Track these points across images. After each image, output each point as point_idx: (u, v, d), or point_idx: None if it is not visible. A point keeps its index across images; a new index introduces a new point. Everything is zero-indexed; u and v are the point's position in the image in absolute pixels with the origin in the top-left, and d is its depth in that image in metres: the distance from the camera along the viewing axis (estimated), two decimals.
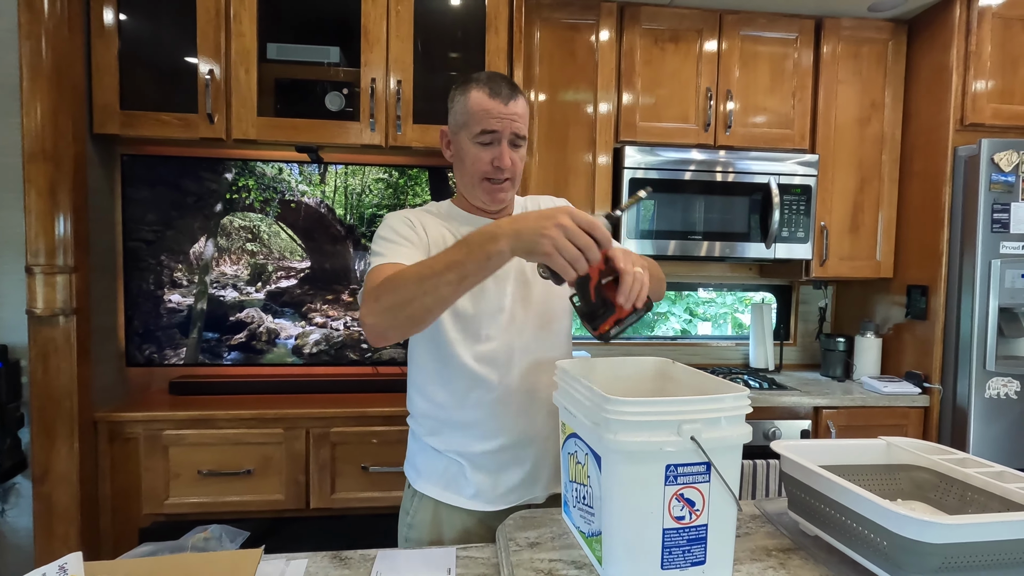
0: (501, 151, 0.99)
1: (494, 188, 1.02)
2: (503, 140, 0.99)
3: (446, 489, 1.04)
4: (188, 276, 1.88)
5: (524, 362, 1.03)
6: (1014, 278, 1.91)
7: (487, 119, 0.98)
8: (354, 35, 1.77)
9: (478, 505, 1.03)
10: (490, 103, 0.98)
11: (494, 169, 1.00)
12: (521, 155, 1.03)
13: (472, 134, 0.99)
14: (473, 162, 1.00)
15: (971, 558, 0.66)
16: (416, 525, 1.06)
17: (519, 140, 1.01)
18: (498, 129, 0.98)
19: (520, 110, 1.00)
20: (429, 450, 1.06)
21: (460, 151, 1.03)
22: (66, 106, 1.53)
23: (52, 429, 1.54)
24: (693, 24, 2.14)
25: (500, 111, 0.98)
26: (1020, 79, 2.06)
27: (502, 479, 1.03)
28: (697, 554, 0.72)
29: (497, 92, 0.98)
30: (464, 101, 1.00)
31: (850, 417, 2.02)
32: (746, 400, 0.73)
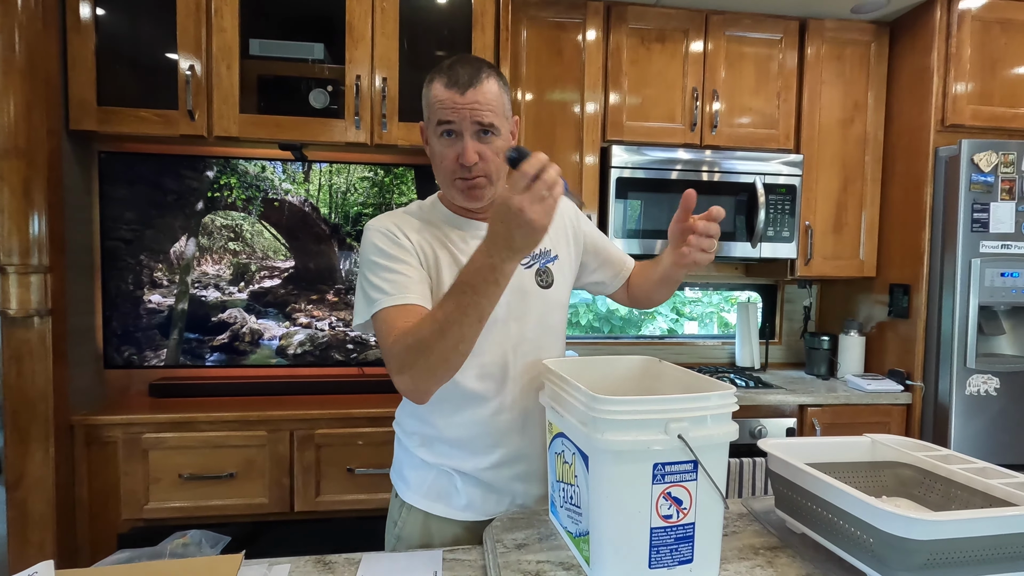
0: (464, 146, 0.89)
1: (466, 186, 0.92)
2: (464, 133, 0.89)
3: (436, 501, 0.99)
4: (168, 276, 1.84)
5: (519, 375, 0.97)
6: (993, 277, 1.95)
7: (442, 110, 0.89)
8: (339, 32, 1.75)
9: (470, 515, 0.99)
10: (445, 93, 0.88)
11: (459, 167, 0.90)
12: (495, 147, 0.91)
13: (434, 128, 0.91)
14: (441, 160, 0.92)
15: (956, 554, 0.66)
16: (405, 537, 1.01)
17: (487, 129, 0.89)
18: (454, 120, 0.88)
19: (483, 96, 0.88)
20: (418, 461, 1.01)
21: (431, 148, 0.95)
22: (40, 102, 1.49)
23: (26, 433, 1.50)
24: (679, 24, 2.15)
25: (455, 101, 0.87)
26: (999, 81, 2.09)
27: (495, 492, 0.99)
28: (685, 553, 0.72)
29: (454, 81, 0.88)
30: (427, 94, 0.92)
31: (835, 415, 2.04)
32: (732, 398, 0.73)
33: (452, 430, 0.97)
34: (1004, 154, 1.94)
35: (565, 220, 1.08)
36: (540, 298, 1.00)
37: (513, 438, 0.98)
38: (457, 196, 0.95)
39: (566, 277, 1.06)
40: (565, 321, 1.08)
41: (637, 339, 2.59)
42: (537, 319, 1.00)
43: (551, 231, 1.02)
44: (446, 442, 0.98)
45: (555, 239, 1.05)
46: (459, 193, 0.94)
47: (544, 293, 1.00)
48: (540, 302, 1.00)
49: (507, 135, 0.95)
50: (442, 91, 0.89)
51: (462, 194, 0.94)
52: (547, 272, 1.01)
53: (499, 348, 0.96)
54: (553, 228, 1.05)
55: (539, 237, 0.72)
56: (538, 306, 1.00)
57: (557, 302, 1.03)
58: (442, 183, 0.96)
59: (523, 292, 0.98)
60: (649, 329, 2.85)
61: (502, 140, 0.93)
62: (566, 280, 1.06)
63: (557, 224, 1.07)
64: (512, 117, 0.98)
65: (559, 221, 1.07)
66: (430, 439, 1.00)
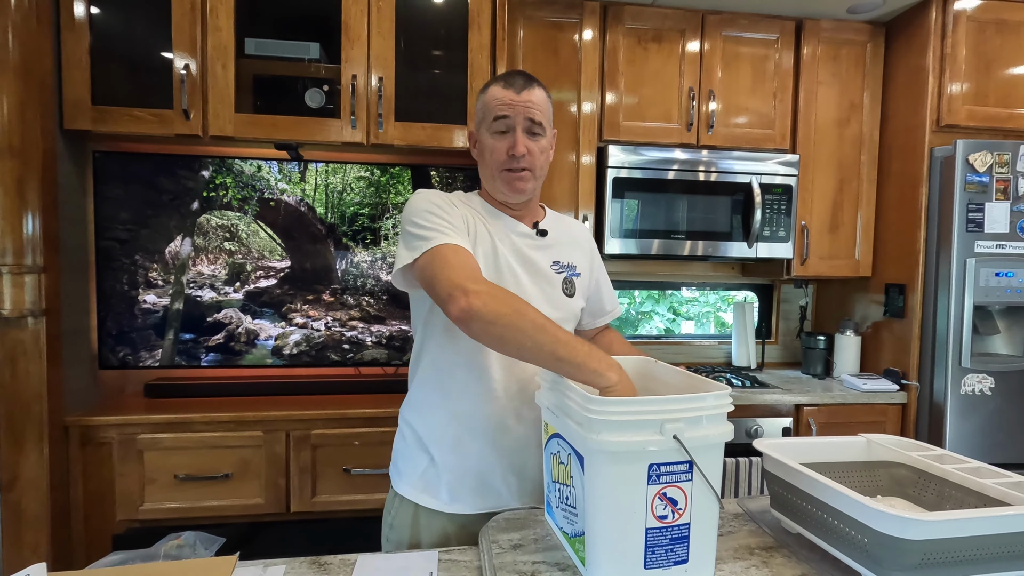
0: (516, 139, 1.00)
1: (513, 177, 1.02)
2: (517, 127, 1.00)
3: (424, 492, 1.03)
4: (164, 276, 1.83)
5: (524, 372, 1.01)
6: (988, 276, 1.95)
7: (499, 106, 1.00)
8: (335, 31, 1.74)
9: (456, 509, 1.01)
10: (502, 92, 1.00)
11: (509, 158, 1.00)
12: (540, 146, 1.03)
13: (488, 125, 1.01)
14: (491, 153, 1.02)
15: (950, 554, 0.66)
16: (396, 526, 1.04)
17: (536, 128, 1.01)
18: (510, 115, 0.99)
19: (535, 99, 1.01)
20: (413, 452, 1.05)
21: (481, 146, 1.05)
22: (34, 101, 1.48)
23: (20, 434, 1.49)
24: (676, 24, 2.15)
25: (512, 98, 0.99)
26: (994, 81, 2.10)
27: (480, 485, 1.01)
28: (680, 553, 0.72)
29: (511, 83, 1.01)
30: (483, 98, 1.04)
31: (830, 414, 2.04)
32: (727, 399, 0.73)
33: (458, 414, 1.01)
34: (999, 154, 1.95)
35: (587, 244, 1.18)
36: (563, 304, 1.07)
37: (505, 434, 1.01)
38: (502, 187, 1.03)
39: (583, 294, 1.14)
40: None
41: (634, 339, 2.59)
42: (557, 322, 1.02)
43: (578, 250, 1.13)
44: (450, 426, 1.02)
45: (579, 258, 1.14)
46: (504, 184, 1.03)
47: (567, 301, 1.08)
48: (562, 308, 1.07)
49: (550, 141, 1.07)
50: (499, 91, 1.01)
51: (507, 185, 1.02)
52: (571, 283, 1.10)
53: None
54: (580, 247, 1.14)
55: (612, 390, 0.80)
56: (560, 311, 1.06)
57: (573, 312, 1.11)
58: (488, 176, 1.05)
59: (550, 293, 1.06)
60: (646, 329, 2.85)
61: (545, 142, 1.05)
62: (582, 296, 1.14)
63: (583, 246, 1.16)
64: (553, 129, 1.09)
65: (585, 245, 1.17)
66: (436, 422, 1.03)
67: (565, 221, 1.18)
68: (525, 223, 1.08)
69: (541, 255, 1.07)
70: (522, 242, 1.06)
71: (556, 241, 1.10)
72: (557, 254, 1.09)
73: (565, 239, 1.12)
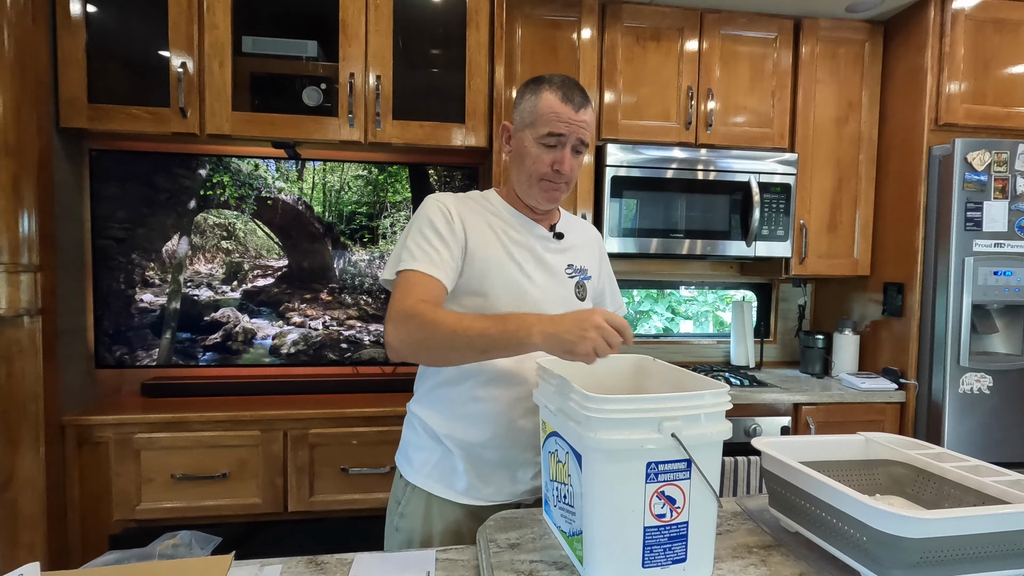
0: (564, 156, 1.00)
1: (551, 188, 1.03)
2: (567, 145, 1.00)
3: (438, 482, 1.03)
4: (161, 275, 1.83)
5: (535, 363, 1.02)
6: (987, 275, 1.95)
7: (556, 122, 0.99)
8: (332, 29, 1.74)
9: (471, 499, 1.02)
10: (561, 107, 0.99)
11: (553, 172, 1.01)
12: (580, 161, 1.05)
13: (538, 134, 1.00)
14: (534, 162, 1.01)
15: (949, 552, 0.66)
16: (408, 515, 1.04)
17: (582, 147, 1.03)
18: (565, 133, 0.99)
19: (588, 119, 1.01)
20: (425, 442, 1.05)
21: (522, 148, 1.03)
22: (30, 99, 1.47)
23: (16, 434, 1.48)
24: (674, 23, 2.15)
25: (570, 116, 0.99)
26: (992, 80, 2.10)
27: (494, 478, 1.02)
28: (678, 552, 0.72)
29: (570, 98, 0.99)
30: (535, 101, 1.01)
31: (829, 413, 2.04)
32: (726, 397, 0.73)
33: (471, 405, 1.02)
34: (997, 153, 1.95)
35: (597, 247, 1.20)
36: (574, 307, 1.07)
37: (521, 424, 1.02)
38: (536, 195, 1.04)
39: (592, 297, 1.16)
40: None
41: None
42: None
43: (589, 253, 1.16)
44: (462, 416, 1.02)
45: (590, 260, 1.16)
46: (541, 193, 1.04)
47: (579, 304, 1.10)
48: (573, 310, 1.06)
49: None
50: (559, 105, 0.99)
51: (544, 194, 1.04)
52: (583, 287, 1.12)
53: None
54: (591, 250, 1.17)
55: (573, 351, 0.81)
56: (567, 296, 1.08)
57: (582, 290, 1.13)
58: (523, 180, 1.05)
59: (564, 297, 1.07)
60: (645, 328, 2.85)
61: (583, 158, 1.09)
62: (591, 300, 1.15)
63: (594, 248, 1.19)
64: None
65: (595, 247, 1.19)
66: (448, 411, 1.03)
67: (578, 223, 1.19)
68: (543, 225, 1.10)
69: (557, 258, 1.09)
70: (540, 245, 1.08)
71: (571, 244, 1.12)
72: (572, 257, 1.11)
73: (579, 242, 1.14)
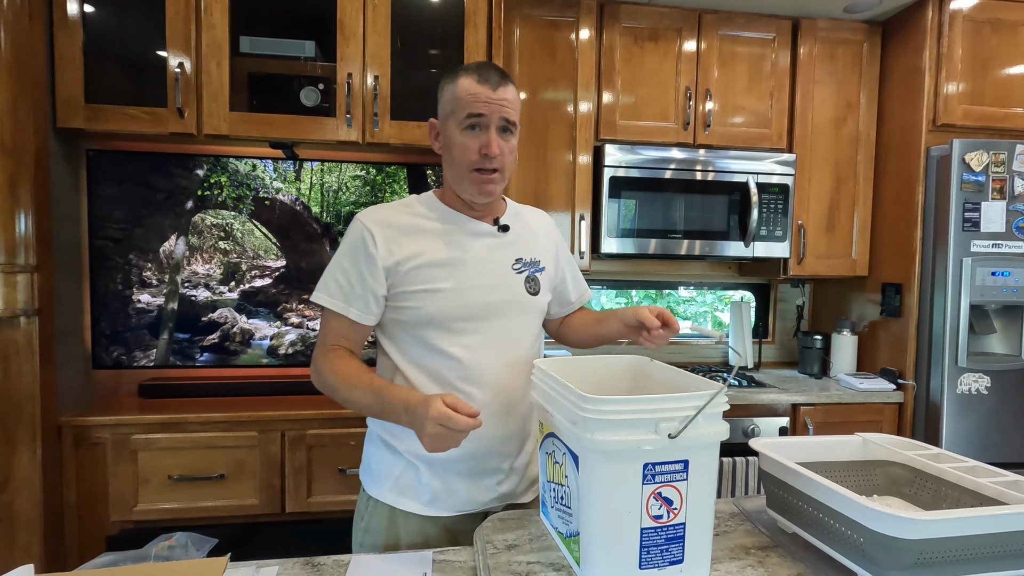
0: (489, 137, 0.95)
1: (482, 179, 0.97)
2: (491, 126, 0.95)
3: (402, 495, 1.01)
4: (158, 275, 1.82)
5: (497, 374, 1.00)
6: (984, 276, 1.96)
7: (474, 103, 0.95)
8: (330, 29, 1.73)
9: (435, 511, 1.00)
10: (478, 87, 0.95)
11: (482, 157, 0.95)
12: (511, 146, 0.99)
13: (459, 120, 0.96)
14: (461, 151, 0.96)
15: (946, 553, 0.66)
16: (372, 530, 1.02)
17: (509, 127, 0.98)
18: (485, 113, 0.95)
19: (511, 96, 0.97)
20: (386, 455, 1.03)
21: (448, 141, 0.99)
22: (27, 99, 1.47)
23: (13, 435, 1.48)
24: (672, 23, 2.15)
25: (488, 95, 0.95)
26: (990, 81, 2.10)
27: (459, 488, 1.00)
28: (675, 553, 0.72)
29: (486, 78, 0.95)
30: (452, 89, 0.97)
31: (827, 414, 2.04)
32: (723, 397, 0.73)
33: None
34: (995, 154, 1.95)
35: (551, 235, 1.15)
36: (526, 303, 1.04)
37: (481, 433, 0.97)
38: (470, 189, 0.99)
39: (548, 288, 1.11)
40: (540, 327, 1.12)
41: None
42: (522, 323, 1.04)
43: (541, 242, 1.10)
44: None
45: (544, 250, 1.10)
46: (473, 186, 0.98)
47: (531, 299, 1.05)
48: (525, 306, 1.04)
49: (517, 139, 1.02)
50: (474, 86, 0.95)
51: (475, 187, 0.98)
52: (535, 280, 1.07)
53: (481, 345, 0.99)
54: (543, 239, 1.12)
55: (424, 441, 0.82)
56: (522, 310, 1.04)
57: (539, 309, 1.08)
58: (456, 175, 1.00)
59: (511, 295, 1.03)
60: None
61: (515, 141, 1.01)
62: (547, 291, 1.11)
63: (546, 236, 1.13)
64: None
65: (547, 234, 1.14)
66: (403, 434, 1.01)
67: (527, 213, 1.14)
68: (486, 221, 1.04)
69: (502, 254, 1.04)
70: (481, 244, 1.02)
71: (518, 237, 1.07)
72: (520, 251, 1.06)
73: (528, 232, 1.09)
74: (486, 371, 0.99)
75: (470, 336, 0.99)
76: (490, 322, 1.00)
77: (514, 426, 1.02)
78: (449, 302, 0.97)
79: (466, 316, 0.98)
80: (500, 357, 1.00)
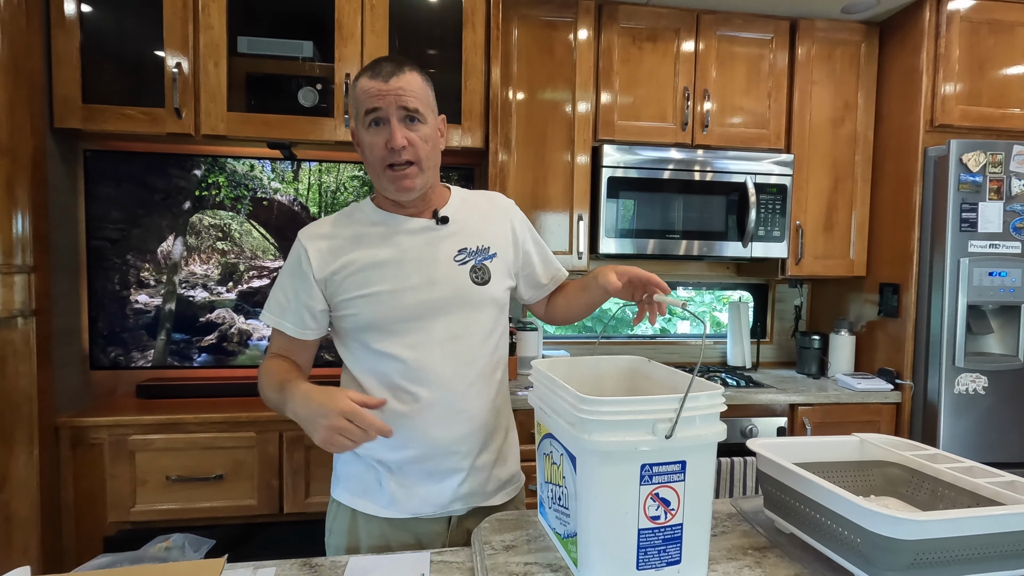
0: (391, 130, 0.92)
1: (397, 176, 0.94)
2: (391, 118, 0.92)
3: (362, 497, 1.01)
4: (156, 276, 1.82)
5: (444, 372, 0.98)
6: (982, 276, 1.96)
7: (368, 99, 0.93)
8: (328, 29, 1.73)
9: (394, 512, 1.00)
10: (370, 83, 0.93)
11: (389, 152, 0.93)
12: (423, 134, 0.95)
13: (362, 120, 0.95)
14: (369, 149, 0.95)
15: (942, 553, 0.66)
16: (335, 531, 1.03)
17: (415, 115, 0.94)
18: (380, 106, 0.92)
19: (406, 84, 0.93)
20: (349, 457, 1.03)
21: (359, 144, 0.98)
22: (24, 99, 1.47)
23: (10, 435, 1.48)
24: (671, 23, 2.15)
25: (379, 88, 0.92)
26: (987, 82, 2.11)
27: (419, 488, 0.99)
28: (672, 554, 0.72)
29: (377, 72, 0.93)
30: (353, 91, 0.97)
31: (825, 414, 2.04)
32: (720, 398, 0.73)
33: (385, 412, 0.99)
34: (992, 154, 1.96)
35: (505, 218, 1.09)
36: (472, 294, 1.00)
37: (434, 433, 0.98)
38: (389, 187, 0.97)
39: (504, 275, 1.06)
40: (502, 319, 1.07)
41: (629, 339, 2.59)
42: (466, 316, 1.00)
43: (491, 228, 1.06)
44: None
45: (495, 236, 1.06)
46: (390, 184, 0.96)
47: (478, 290, 1.01)
48: (472, 298, 1.01)
49: (435, 128, 0.99)
50: (367, 82, 0.94)
51: (393, 184, 0.96)
52: (483, 269, 1.02)
53: (425, 344, 0.98)
54: (495, 225, 1.07)
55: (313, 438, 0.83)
56: (469, 302, 1.00)
57: (491, 299, 1.03)
58: (374, 176, 0.98)
59: (453, 288, 0.99)
60: (642, 328, 2.85)
61: (429, 129, 0.96)
62: (504, 278, 1.06)
63: (498, 220, 1.07)
64: (439, 115, 1.02)
65: (500, 218, 1.08)
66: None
67: (476, 198, 1.09)
68: (424, 216, 1.02)
69: (442, 248, 1.00)
70: (418, 240, 0.99)
71: (462, 226, 1.03)
72: (464, 240, 1.02)
73: (474, 219, 1.05)
74: (432, 370, 0.97)
75: (413, 335, 0.97)
76: (432, 320, 0.98)
77: (466, 425, 1.00)
78: (386, 304, 0.96)
79: (406, 316, 0.97)
80: (448, 355, 0.98)
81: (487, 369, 1.02)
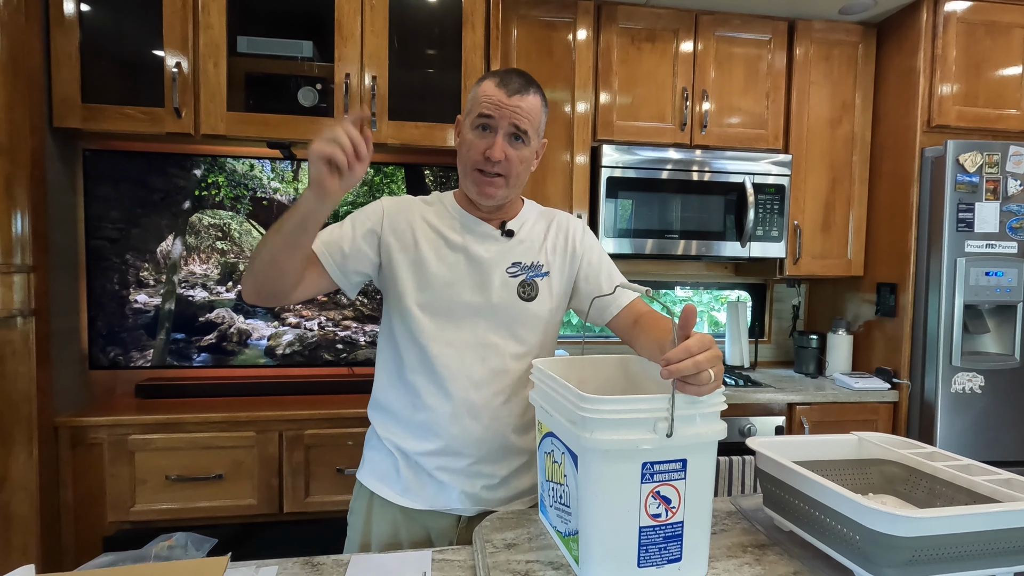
0: (494, 141, 0.96)
1: (483, 180, 0.98)
2: (499, 130, 0.96)
3: (380, 481, 1.04)
4: (155, 275, 1.82)
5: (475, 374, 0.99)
6: (978, 276, 1.97)
7: (486, 104, 0.96)
8: (327, 29, 1.73)
9: (408, 502, 1.02)
10: (494, 90, 0.96)
11: (484, 159, 0.96)
12: (521, 155, 0.98)
13: (472, 120, 0.98)
14: (467, 148, 0.99)
15: (940, 551, 0.66)
16: (355, 511, 1.07)
17: (520, 135, 0.97)
18: (494, 115, 0.95)
19: (525, 105, 0.96)
20: (375, 442, 1.07)
21: (462, 139, 1.02)
22: (23, 98, 1.47)
23: (9, 435, 1.48)
24: (669, 24, 2.16)
25: (501, 99, 0.95)
26: (984, 82, 2.12)
27: (434, 481, 1.01)
28: (673, 551, 0.72)
29: (505, 83, 0.96)
30: (475, 89, 1.00)
31: (823, 413, 2.05)
32: (720, 397, 0.73)
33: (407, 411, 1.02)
34: (989, 155, 1.97)
35: (568, 239, 1.08)
36: (517, 308, 1.02)
37: (453, 431, 0.99)
38: (471, 188, 1.01)
39: (554, 294, 1.06)
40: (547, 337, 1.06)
41: None
42: (508, 327, 1.02)
43: (548, 246, 1.06)
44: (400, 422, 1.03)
45: (550, 255, 1.06)
46: (474, 185, 1.00)
47: (523, 304, 1.02)
48: (515, 312, 1.02)
49: (534, 150, 1.02)
50: (491, 88, 0.97)
51: (476, 187, 0.99)
52: (532, 285, 1.04)
53: (463, 344, 1.00)
54: (551, 243, 1.07)
55: (319, 174, 0.79)
56: (512, 315, 1.02)
57: (534, 316, 1.03)
58: (462, 172, 1.02)
59: (500, 298, 1.01)
60: None
61: (528, 151, 1.00)
62: (553, 297, 1.05)
63: (556, 241, 1.08)
64: (543, 139, 1.06)
65: (563, 239, 1.08)
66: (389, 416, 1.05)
67: (547, 217, 1.10)
68: (492, 223, 1.04)
69: (500, 258, 1.02)
70: (480, 245, 1.02)
71: (523, 241, 1.05)
72: (520, 255, 1.03)
73: (537, 236, 1.06)
74: (463, 370, 0.99)
75: (452, 333, 1.00)
76: (475, 322, 1.00)
77: (487, 431, 1.00)
78: (436, 292, 1.00)
79: (450, 312, 0.99)
80: (481, 359, 1.00)
81: (519, 383, 1.02)
